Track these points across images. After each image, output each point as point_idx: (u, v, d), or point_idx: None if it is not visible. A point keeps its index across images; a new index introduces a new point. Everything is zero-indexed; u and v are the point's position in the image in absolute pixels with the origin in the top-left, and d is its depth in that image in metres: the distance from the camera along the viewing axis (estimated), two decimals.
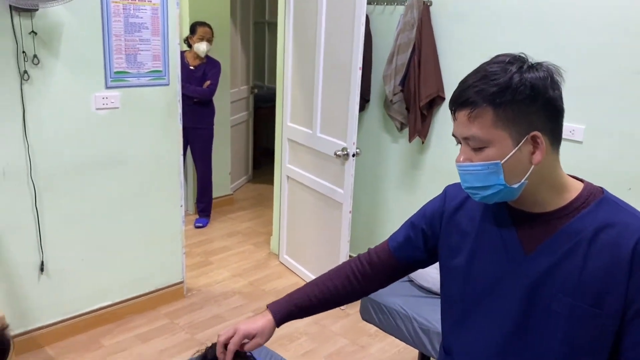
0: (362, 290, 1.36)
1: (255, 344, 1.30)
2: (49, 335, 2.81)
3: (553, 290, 1.03)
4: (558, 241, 1.03)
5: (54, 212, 2.71)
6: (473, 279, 1.14)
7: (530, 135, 0.99)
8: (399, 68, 3.15)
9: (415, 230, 1.28)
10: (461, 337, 1.19)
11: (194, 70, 4.13)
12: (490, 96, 0.98)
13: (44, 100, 2.56)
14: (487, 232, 1.13)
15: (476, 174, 1.03)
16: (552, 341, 1.04)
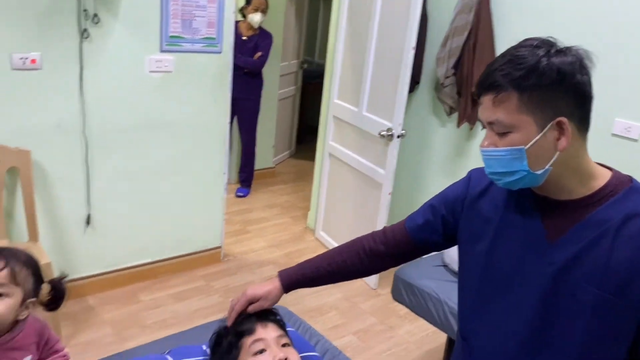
0: (370, 268, 1.38)
1: (258, 306, 1.38)
2: (91, 286, 2.94)
3: (577, 279, 1.01)
4: (583, 230, 1.01)
5: (103, 169, 2.81)
6: (494, 266, 1.12)
7: (555, 121, 0.96)
8: (453, 51, 3.09)
9: (435, 214, 1.27)
10: (482, 325, 1.17)
11: (246, 41, 4.16)
12: (515, 80, 0.95)
13: (101, 59, 2.64)
14: (511, 219, 1.11)
15: (500, 159, 1.01)
16: (574, 330, 1.02)
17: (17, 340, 1.31)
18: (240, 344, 1.37)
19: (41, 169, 2.61)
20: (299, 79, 5.54)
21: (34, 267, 1.31)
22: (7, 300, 1.22)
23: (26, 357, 1.34)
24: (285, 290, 1.40)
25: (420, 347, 2.86)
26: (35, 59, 2.45)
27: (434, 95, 3.37)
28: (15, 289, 1.24)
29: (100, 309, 2.85)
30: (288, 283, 1.40)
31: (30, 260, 1.30)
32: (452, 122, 3.30)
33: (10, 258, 1.25)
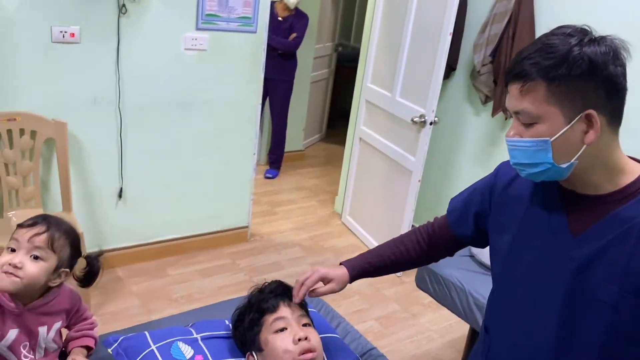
0: (431, 255, 1.40)
1: (329, 289, 1.39)
2: (121, 258, 3.01)
3: (598, 277, 0.98)
4: (608, 226, 0.98)
5: (137, 144, 2.85)
6: (517, 258, 1.11)
7: (584, 114, 0.93)
8: (491, 38, 3.01)
9: (468, 207, 1.27)
10: (501, 318, 1.16)
11: (281, 22, 4.14)
12: (544, 69, 0.92)
13: (138, 35, 2.67)
14: (536, 212, 1.08)
15: (524, 150, 0.98)
16: (594, 328, 1.00)
17: (49, 306, 1.36)
18: (262, 321, 1.39)
19: (77, 141, 2.67)
20: (333, 62, 5.51)
21: (73, 239, 1.35)
22: (41, 263, 1.27)
23: (56, 322, 1.39)
24: (352, 278, 1.41)
25: (442, 336, 2.84)
26: (74, 33, 2.49)
27: (469, 82, 3.30)
28: (51, 255, 1.28)
29: (128, 281, 2.92)
30: (355, 271, 1.40)
31: (71, 232, 1.34)
32: (487, 111, 3.23)
33: (52, 225, 1.30)
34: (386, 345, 2.70)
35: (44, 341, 1.37)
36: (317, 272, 1.39)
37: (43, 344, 1.37)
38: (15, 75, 2.42)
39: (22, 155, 2.50)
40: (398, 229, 3.29)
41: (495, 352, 1.17)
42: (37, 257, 1.26)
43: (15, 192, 2.51)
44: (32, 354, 1.36)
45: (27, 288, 1.27)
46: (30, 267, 1.25)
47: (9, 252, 1.26)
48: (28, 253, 1.25)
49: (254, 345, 1.38)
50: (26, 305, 1.31)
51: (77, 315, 1.46)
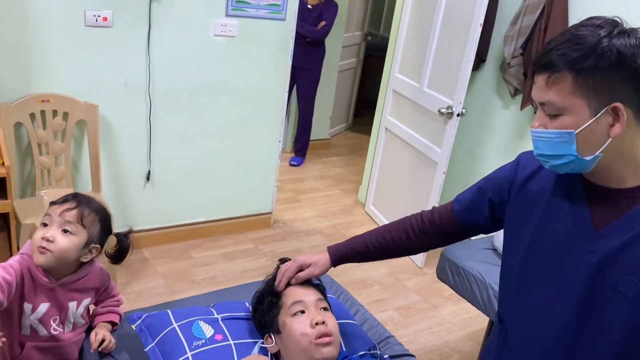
0: (418, 245, 1.40)
1: (308, 273, 1.44)
2: (147, 239, 3.08)
3: (620, 271, 0.97)
4: (631, 221, 0.97)
5: (165, 128, 2.90)
6: (537, 251, 1.10)
7: (611, 107, 0.91)
8: (523, 30, 2.96)
9: (482, 197, 1.25)
10: (518, 309, 1.15)
11: (311, 10, 4.14)
12: (571, 61, 0.90)
13: (168, 21, 2.71)
14: (558, 204, 1.07)
15: (548, 141, 0.97)
16: (614, 322, 0.99)
17: (80, 283, 1.41)
18: (281, 303, 1.41)
19: (107, 124, 2.73)
20: (362, 51, 5.48)
21: (103, 216, 1.41)
22: (72, 237, 1.33)
23: (85, 299, 1.44)
24: (333, 263, 1.45)
25: (462, 328, 2.84)
26: (106, 17, 2.54)
27: (499, 74, 3.26)
28: (81, 230, 1.34)
29: (154, 262, 2.99)
30: (336, 256, 1.45)
31: (101, 209, 1.42)
32: (516, 104, 3.19)
33: (82, 202, 1.37)
34: (405, 335, 2.71)
35: (73, 316, 1.43)
36: (295, 261, 1.46)
37: (72, 318, 1.43)
38: (49, 58, 2.49)
39: (55, 136, 2.57)
40: None
41: (512, 343, 1.17)
42: (68, 230, 1.33)
43: (47, 172, 2.59)
44: (62, 328, 1.42)
45: (59, 262, 1.33)
46: (61, 241, 1.31)
47: (42, 227, 1.33)
48: (59, 227, 1.32)
49: (272, 327, 1.41)
50: (59, 280, 1.37)
51: (106, 293, 1.52)
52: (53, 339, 1.40)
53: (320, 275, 1.46)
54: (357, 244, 1.43)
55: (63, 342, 1.42)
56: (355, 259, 1.45)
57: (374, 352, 1.52)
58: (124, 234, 1.49)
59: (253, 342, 1.46)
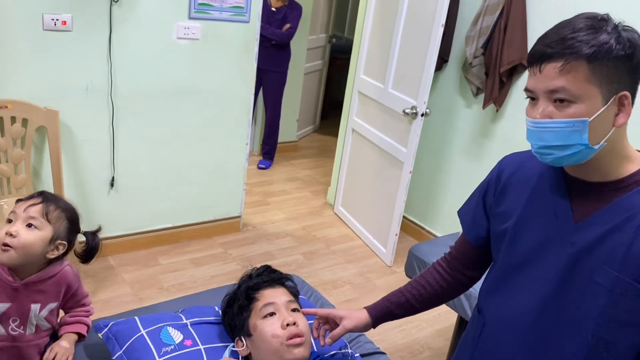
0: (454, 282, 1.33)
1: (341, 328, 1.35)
2: (113, 246, 3.02)
3: (598, 262, 1.00)
4: (610, 213, 1.00)
5: (128, 132, 2.85)
6: (518, 243, 1.12)
7: (618, 95, 0.94)
8: (483, 30, 3.03)
9: (478, 207, 1.25)
10: (497, 299, 1.18)
11: (275, 12, 4.14)
12: (589, 49, 0.92)
13: (130, 24, 2.66)
14: (540, 198, 1.10)
15: (558, 131, 0.96)
16: (590, 312, 1.02)
17: (47, 285, 1.39)
18: (251, 306, 1.41)
19: (69, 130, 2.67)
20: (327, 53, 5.51)
21: (70, 214, 1.40)
22: (36, 231, 1.32)
23: (50, 303, 1.41)
24: (374, 320, 1.37)
25: (431, 325, 2.88)
26: (66, 21, 2.48)
27: (461, 74, 3.32)
28: (46, 225, 1.33)
29: (120, 269, 2.93)
30: (375, 312, 1.36)
31: (67, 207, 1.41)
32: (478, 103, 3.25)
33: (49, 199, 1.37)
34: (376, 334, 2.72)
35: (35, 318, 1.40)
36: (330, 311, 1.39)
37: (34, 320, 1.40)
38: (7, 63, 2.42)
39: (14, 143, 2.49)
40: (389, 220, 3.32)
41: (489, 333, 1.19)
42: (32, 225, 1.32)
43: (6, 180, 2.51)
44: (23, 329, 1.38)
45: (23, 259, 1.31)
46: (24, 235, 1.30)
47: (7, 224, 1.32)
48: (24, 222, 1.32)
49: (243, 330, 1.40)
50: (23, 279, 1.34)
51: (76, 299, 1.49)
52: (11, 339, 1.37)
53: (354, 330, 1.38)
54: (394, 296, 1.36)
55: (22, 343, 1.39)
56: (398, 311, 1.35)
57: (345, 351, 1.52)
58: (92, 233, 1.47)
59: (223, 346, 1.45)
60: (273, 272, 1.48)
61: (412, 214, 3.74)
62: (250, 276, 1.48)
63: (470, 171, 3.34)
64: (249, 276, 1.48)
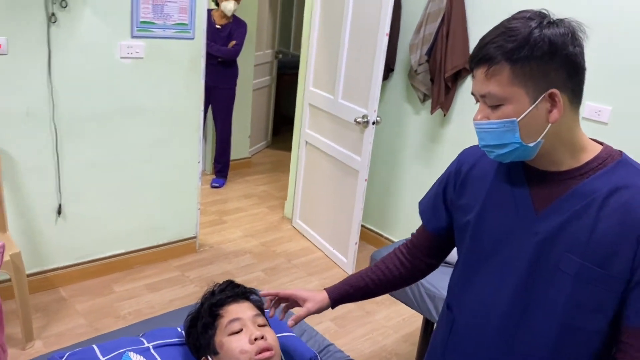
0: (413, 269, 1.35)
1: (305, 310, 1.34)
2: (63, 277, 2.88)
3: (561, 249, 1.02)
4: (570, 201, 1.02)
5: (74, 157, 2.75)
6: (481, 235, 1.13)
7: (547, 93, 0.97)
8: (426, 38, 3.10)
9: (437, 199, 1.27)
10: (465, 294, 1.18)
11: (219, 30, 4.11)
12: (507, 52, 0.95)
13: (69, 45, 2.58)
14: (500, 190, 1.11)
15: (492, 132, 1.01)
16: (557, 299, 1.03)
17: None
18: (216, 324, 1.36)
19: (9, 158, 2.54)
20: (274, 69, 5.51)
21: None
22: None
23: None
24: (333, 302, 1.36)
25: (397, 331, 2.88)
26: (0, 44, 2.38)
27: (407, 82, 3.38)
28: None
29: (72, 301, 2.80)
30: (335, 294, 1.36)
31: None
32: (426, 109, 3.32)
33: None
34: (343, 344, 2.70)
35: None
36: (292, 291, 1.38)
37: None
38: None
39: None
40: (348, 229, 3.32)
41: (459, 328, 1.19)
42: None
43: None
44: None
45: None
46: None
47: None
48: None
49: (209, 349, 1.35)
50: None
51: None
52: None
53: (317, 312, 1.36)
54: (354, 280, 1.37)
55: None
56: (356, 295, 1.37)
57: None
58: None
59: None
60: (236, 287, 1.44)
61: (370, 222, 3.75)
62: (213, 293, 1.43)
63: (423, 176, 3.40)
64: (212, 293, 1.43)
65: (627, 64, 2.45)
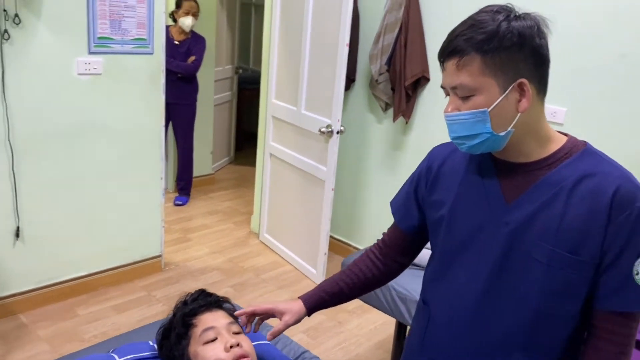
0: (385, 271, 1.35)
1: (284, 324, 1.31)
2: (23, 303, 2.76)
3: (533, 238, 1.04)
4: (539, 190, 1.05)
5: (31, 177, 2.66)
6: (454, 229, 1.15)
7: (517, 83, 1.00)
8: (385, 48, 3.16)
9: (409, 198, 1.28)
10: (440, 287, 1.19)
11: (178, 46, 4.08)
12: (478, 44, 0.98)
13: (24, 62, 2.51)
14: (471, 183, 1.14)
15: (463, 122, 1.03)
16: (530, 288, 1.06)
17: None
18: (190, 333, 1.33)
19: None
20: (235, 84, 5.50)
21: None
22: None
23: None
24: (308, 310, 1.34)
25: (369, 339, 2.88)
26: None
27: (369, 92, 3.43)
28: None
29: (33, 327, 2.68)
30: (310, 302, 1.34)
31: None
32: (388, 118, 3.36)
33: None
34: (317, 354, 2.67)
35: None
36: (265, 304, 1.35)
37: None
38: None
39: None
40: (317, 240, 3.31)
41: (435, 321, 1.20)
42: None
43: None
44: None
45: None
46: None
47: None
48: None
49: None
50: None
51: None
52: None
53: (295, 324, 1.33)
54: (328, 286, 1.35)
55: None
56: (330, 301, 1.35)
57: None
58: None
59: None
60: (209, 296, 1.42)
61: (338, 233, 3.76)
62: (185, 302, 1.40)
63: (388, 183, 3.43)
64: (184, 303, 1.40)
65: (580, 66, 2.55)
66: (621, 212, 0.99)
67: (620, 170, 1.03)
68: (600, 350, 1.05)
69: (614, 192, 0.99)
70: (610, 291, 1.02)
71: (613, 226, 0.99)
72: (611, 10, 2.44)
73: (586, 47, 2.53)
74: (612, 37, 2.46)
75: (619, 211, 0.99)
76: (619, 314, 1.03)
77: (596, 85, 2.53)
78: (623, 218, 0.99)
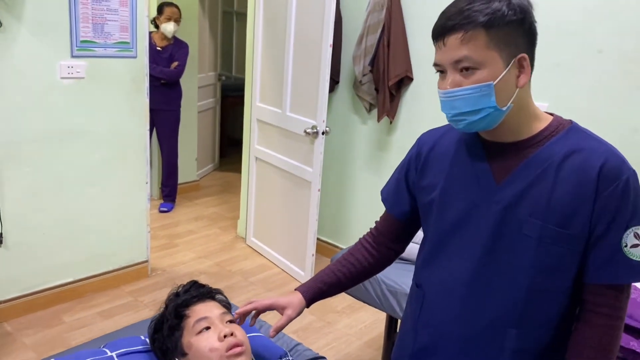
0: (380, 258, 1.36)
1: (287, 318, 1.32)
2: (7, 311, 2.71)
3: (523, 215, 1.06)
4: (528, 168, 1.07)
5: (15, 183, 2.62)
6: (446, 211, 1.16)
7: (517, 57, 1.02)
8: (368, 49, 3.19)
9: (400, 184, 1.29)
10: (434, 269, 1.20)
11: (161, 51, 4.08)
12: (484, 17, 0.99)
13: (6, 66, 2.49)
14: (460, 166, 1.15)
15: (467, 97, 1.02)
16: (522, 264, 1.07)
17: None
18: (183, 325, 1.32)
19: None
20: (218, 91, 5.49)
21: None
22: None
23: None
24: (307, 302, 1.34)
25: (359, 338, 2.87)
26: None
27: (353, 93, 3.46)
28: None
29: (19, 335, 2.63)
30: (308, 294, 1.34)
31: None
32: (373, 119, 3.39)
33: None
34: None
35: None
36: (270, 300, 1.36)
37: None
38: None
39: None
40: (304, 241, 3.31)
41: (429, 303, 1.21)
42: None
43: None
44: None
45: None
46: None
47: None
48: None
49: (177, 351, 1.31)
50: None
51: None
52: None
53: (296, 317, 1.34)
54: (326, 276, 1.35)
55: None
56: (328, 291, 1.35)
57: (285, 358, 1.47)
58: None
59: None
60: (202, 287, 1.41)
61: (325, 235, 3.76)
62: (177, 294, 1.39)
63: (373, 184, 3.45)
64: (176, 294, 1.39)
65: (561, 62, 2.60)
66: (608, 186, 1.01)
67: (606, 146, 1.05)
68: (592, 324, 1.07)
69: (600, 166, 1.02)
70: (599, 264, 1.04)
71: (601, 199, 1.02)
72: (589, 7, 2.50)
73: (565, 44, 2.58)
74: (589, 33, 2.52)
75: (605, 184, 1.01)
76: (609, 287, 1.05)
77: (575, 81, 2.58)
78: (610, 191, 1.01)
